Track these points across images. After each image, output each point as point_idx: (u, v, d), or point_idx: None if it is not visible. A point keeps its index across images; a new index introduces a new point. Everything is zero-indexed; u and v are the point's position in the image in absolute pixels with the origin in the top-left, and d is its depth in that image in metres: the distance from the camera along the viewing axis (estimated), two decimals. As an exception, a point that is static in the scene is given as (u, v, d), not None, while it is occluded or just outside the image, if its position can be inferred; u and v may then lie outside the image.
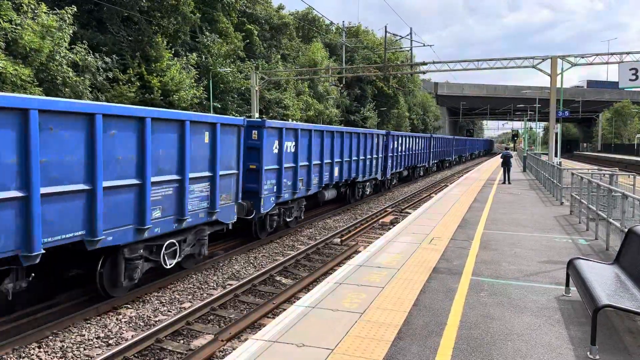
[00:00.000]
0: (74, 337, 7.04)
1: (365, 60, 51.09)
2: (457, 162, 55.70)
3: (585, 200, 11.87)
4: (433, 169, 32.31)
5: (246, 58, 33.16)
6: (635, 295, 5.14)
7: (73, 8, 18.43)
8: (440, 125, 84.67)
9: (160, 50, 23.63)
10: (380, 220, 16.94)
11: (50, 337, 6.98)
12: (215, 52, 28.77)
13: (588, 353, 4.81)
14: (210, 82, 27.19)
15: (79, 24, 20.95)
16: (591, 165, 40.70)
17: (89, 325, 7.48)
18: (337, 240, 13.70)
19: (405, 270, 7.76)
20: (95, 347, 6.80)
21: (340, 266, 9.89)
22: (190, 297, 8.93)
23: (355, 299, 6.36)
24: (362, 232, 15.14)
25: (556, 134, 26.52)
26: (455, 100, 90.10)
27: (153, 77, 22.77)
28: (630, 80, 21.38)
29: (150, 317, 7.89)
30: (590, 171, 16.45)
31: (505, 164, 24.25)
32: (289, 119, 32.40)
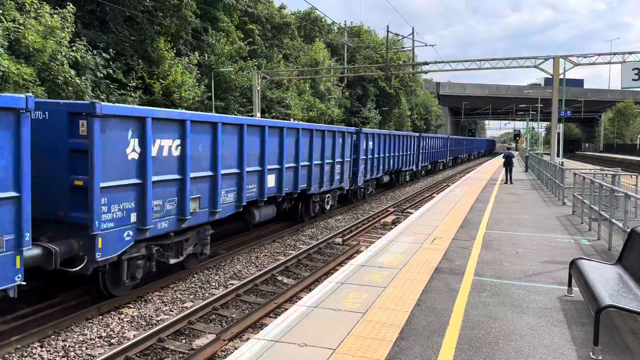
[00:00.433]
0: (76, 336, 7.05)
1: (367, 60, 51.09)
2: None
3: (588, 200, 11.85)
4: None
5: (248, 57, 33.17)
6: (638, 295, 5.13)
7: (73, 8, 18.44)
8: (442, 124, 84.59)
9: (162, 50, 23.66)
10: (382, 220, 16.93)
11: (53, 336, 6.99)
12: (219, 51, 28.78)
13: (590, 353, 4.80)
14: (212, 81, 27.20)
15: (81, 23, 20.98)
16: (593, 166, 40.64)
17: (90, 324, 7.49)
18: (339, 240, 13.70)
19: (407, 270, 7.75)
20: (97, 347, 6.81)
21: (342, 266, 9.87)
22: (192, 296, 8.94)
23: (357, 299, 6.36)
24: (363, 232, 15.13)
25: (558, 134, 26.48)
26: (457, 100, 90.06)
27: (155, 81, 22.80)
28: (633, 80, 21.34)
29: (152, 317, 7.90)
30: (592, 171, 16.44)
31: (508, 164, 24.24)
32: (291, 119, 32.40)
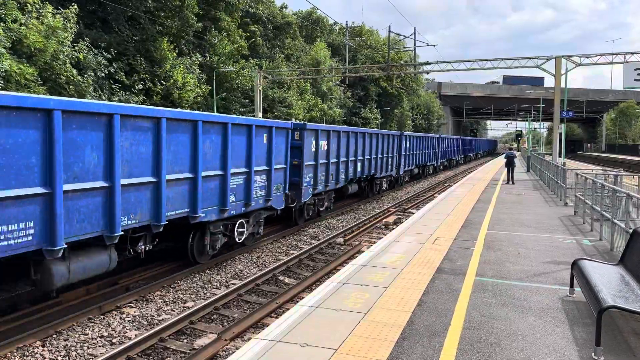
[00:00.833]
0: (77, 335, 7.06)
1: (368, 60, 51.05)
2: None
3: (590, 200, 11.83)
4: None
5: (249, 57, 33.19)
6: (641, 296, 5.11)
7: (76, 8, 18.46)
8: (443, 123, 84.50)
9: (163, 51, 23.68)
10: (384, 220, 16.92)
11: (54, 336, 7.00)
12: (220, 51, 28.80)
13: (592, 354, 4.79)
14: (214, 81, 27.22)
15: (84, 24, 21.00)
16: (595, 166, 40.59)
17: (92, 324, 7.49)
18: (340, 240, 13.69)
19: (409, 271, 7.74)
20: (99, 346, 6.82)
21: (344, 266, 9.87)
22: (193, 296, 8.94)
23: (358, 299, 6.35)
24: (365, 232, 15.12)
25: (560, 134, 26.44)
26: (459, 100, 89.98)
27: (156, 84, 22.82)
28: (635, 80, 21.30)
29: (153, 316, 7.90)
30: (594, 171, 16.41)
31: (509, 164, 24.21)
32: (293, 119, 32.41)
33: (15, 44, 16.00)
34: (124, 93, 20.93)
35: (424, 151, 34.71)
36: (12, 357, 6.37)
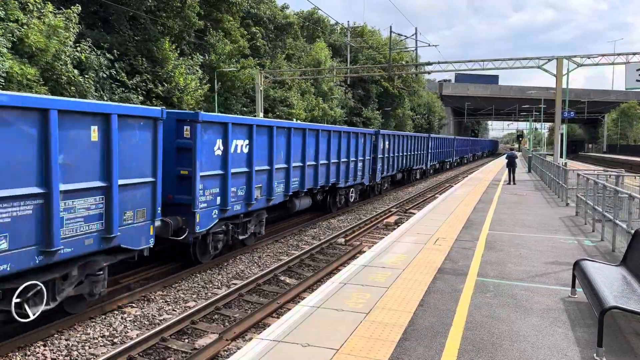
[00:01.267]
0: (79, 335, 7.07)
1: (369, 61, 51.04)
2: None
3: (591, 201, 11.81)
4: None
5: (250, 57, 33.19)
6: (643, 297, 5.10)
7: (78, 7, 18.47)
8: (444, 124, 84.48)
9: (165, 51, 23.68)
10: (385, 221, 16.91)
11: (56, 336, 7.00)
12: (220, 50, 28.80)
13: (594, 355, 4.78)
14: (215, 81, 27.23)
15: (85, 24, 21.01)
16: (596, 166, 40.56)
17: (94, 323, 7.50)
18: (341, 240, 13.69)
19: (410, 271, 7.74)
20: (100, 346, 6.82)
21: (345, 266, 9.87)
22: (194, 296, 8.94)
23: (360, 299, 6.35)
24: (366, 232, 15.12)
25: (561, 135, 26.43)
26: (460, 100, 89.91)
27: (158, 85, 22.82)
28: (637, 80, 21.27)
29: (154, 316, 7.90)
30: (596, 172, 16.40)
31: (511, 165, 24.19)
32: (294, 119, 32.41)
33: (16, 44, 16.01)
34: (123, 91, 20.92)
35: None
36: (14, 357, 6.38)
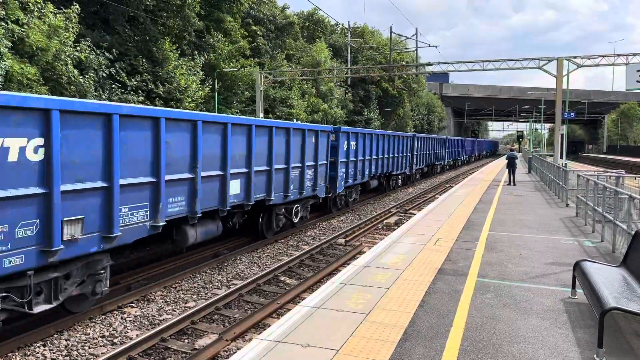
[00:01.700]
0: (78, 335, 7.06)
1: (370, 61, 51.02)
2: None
3: (591, 202, 11.81)
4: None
5: (250, 57, 33.19)
6: (643, 298, 5.10)
7: (77, 7, 18.47)
8: (444, 126, 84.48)
9: (165, 51, 23.67)
10: (385, 221, 16.90)
11: (55, 336, 7.00)
12: (220, 51, 28.80)
13: (595, 356, 4.77)
14: (216, 81, 27.22)
15: (85, 25, 21.02)
16: (597, 167, 40.55)
17: (93, 323, 7.49)
18: (342, 240, 13.68)
19: (411, 271, 7.73)
20: (100, 346, 6.82)
21: (345, 266, 9.86)
22: (194, 296, 8.94)
23: (360, 300, 6.34)
24: (366, 233, 15.11)
25: (562, 136, 26.41)
26: (460, 101, 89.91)
27: (158, 86, 22.82)
28: (638, 81, 21.26)
29: (154, 316, 7.90)
30: (596, 173, 16.39)
31: (511, 165, 24.19)
32: (294, 119, 32.41)
33: (17, 44, 16.01)
34: (122, 92, 20.92)
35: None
36: (13, 357, 6.38)
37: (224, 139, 10.32)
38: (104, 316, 7.79)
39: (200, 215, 9.61)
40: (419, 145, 31.79)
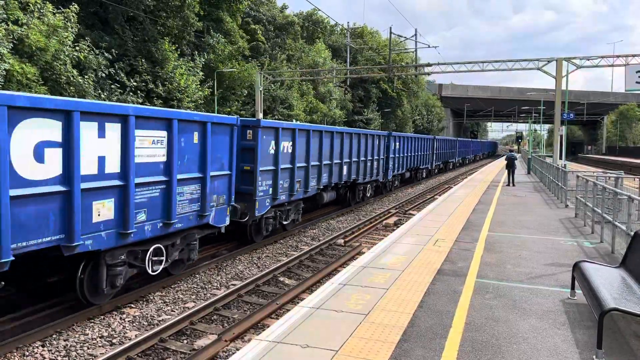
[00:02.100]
0: (77, 336, 7.05)
1: (369, 62, 51.02)
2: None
3: (591, 202, 11.81)
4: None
5: (251, 58, 33.17)
6: (642, 298, 5.10)
7: (76, 7, 18.45)
8: (444, 126, 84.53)
9: (165, 52, 23.66)
10: (384, 222, 16.90)
11: (54, 336, 6.99)
12: (220, 52, 28.80)
13: (594, 357, 4.77)
14: (215, 82, 27.21)
15: (85, 25, 21.00)
16: (596, 168, 40.59)
17: (92, 324, 7.48)
18: (341, 241, 13.68)
19: (410, 272, 7.73)
20: (99, 346, 6.81)
21: (344, 267, 9.86)
22: (193, 297, 8.93)
23: (359, 300, 6.34)
24: (365, 233, 15.11)
25: (561, 136, 26.42)
26: (460, 101, 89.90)
27: (158, 86, 22.80)
28: (637, 82, 21.28)
29: (153, 317, 7.89)
30: (595, 174, 16.40)
31: (510, 166, 24.20)
32: (294, 120, 32.40)
33: (16, 44, 16.00)
34: (122, 92, 20.90)
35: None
36: (12, 357, 6.36)
37: (341, 142, 17.51)
38: (102, 316, 7.78)
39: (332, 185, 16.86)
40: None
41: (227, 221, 10.89)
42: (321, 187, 16.06)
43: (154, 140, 8.36)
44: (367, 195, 21.91)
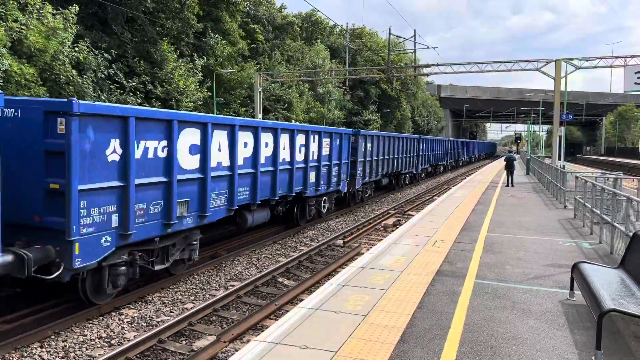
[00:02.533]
0: (76, 337, 7.04)
1: (368, 62, 51.03)
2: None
3: (589, 203, 11.82)
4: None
5: (249, 58, 33.16)
6: (641, 299, 5.10)
7: (76, 7, 18.43)
8: (443, 126, 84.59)
9: (164, 52, 23.64)
10: (383, 223, 16.90)
11: (53, 337, 6.97)
12: (219, 53, 28.79)
13: (593, 358, 4.78)
14: (214, 83, 27.21)
15: (84, 25, 20.98)
16: (595, 169, 40.63)
17: (91, 325, 7.47)
18: (340, 242, 13.68)
19: (409, 273, 7.73)
20: (98, 347, 6.80)
21: (343, 268, 9.85)
22: (192, 297, 8.92)
23: (358, 301, 6.34)
24: (364, 234, 15.10)
25: (560, 137, 26.44)
26: (459, 102, 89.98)
27: (157, 87, 22.78)
28: (636, 83, 21.31)
29: (152, 318, 7.88)
30: (594, 174, 16.41)
31: (509, 167, 24.22)
32: (293, 121, 32.39)
33: (15, 44, 15.98)
34: (121, 93, 20.87)
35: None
36: (10, 358, 6.35)
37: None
38: (101, 317, 7.76)
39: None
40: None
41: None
42: (382, 175, 15.29)
43: (327, 143, 14.32)
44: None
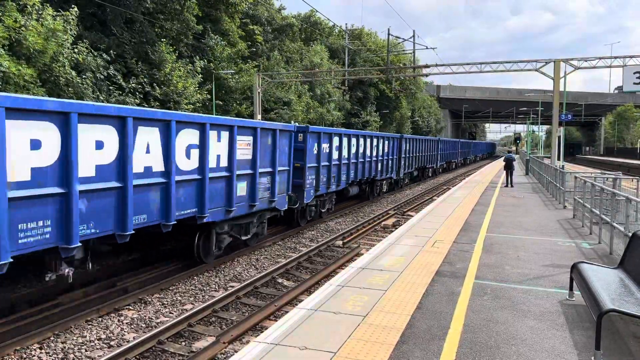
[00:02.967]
0: (75, 338, 7.03)
1: (368, 63, 51.03)
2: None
3: (589, 204, 11.83)
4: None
5: (249, 59, 33.15)
6: (640, 300, 5.10)
7: (76, 10, 18.42)
8: (442, 126, 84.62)
9: (163, 54, 23.62)
10: (383, 223, 16.90)
11: (52, 338, 6.97)
12: (218, 54, 28.77)
13: (592, 358, 4.77)
14: (214, 84, 27.20)
15: (83, 26, 20.97)
16: (594, 169, 40.65)
17: (90, 326, 7.46)
18: (339, 242, 13.68)
19: (408, 273, 7.73)
20: (97, 349, 6.79)
21: (343, 268, 9.86)
22: (192, 298, 8.91)
23: (357, 302, 6.33)
24: (364, 235, 15.10)
25: (559, 137, 26.46)
26: (458, 102, 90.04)
27: (155, 88, 22.76)
28: (635, 83, 21.33)
29: (151, 319, 7.87)
30: (593, 175, 16.41)
31: (508, 167, 24.22)
32: (292, 121, 32.38)
33: (14, 45, 15.96)
34: (120, 94, 20.85)
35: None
36: (10, 359, 6.35)
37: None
38: (100, 319, 7.76)
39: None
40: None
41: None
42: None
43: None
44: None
